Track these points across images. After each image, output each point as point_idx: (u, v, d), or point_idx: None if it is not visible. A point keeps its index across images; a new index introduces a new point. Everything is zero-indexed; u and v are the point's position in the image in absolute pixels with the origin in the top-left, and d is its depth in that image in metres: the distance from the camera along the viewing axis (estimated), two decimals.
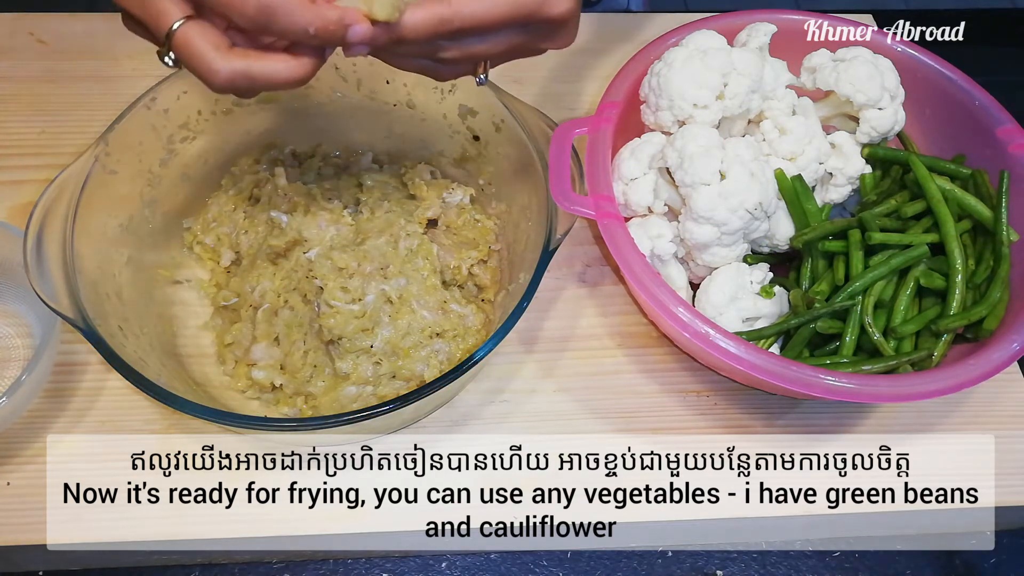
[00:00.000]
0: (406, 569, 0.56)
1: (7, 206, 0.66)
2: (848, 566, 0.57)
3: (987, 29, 1.31)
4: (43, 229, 0.51)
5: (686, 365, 0.61)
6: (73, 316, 0.49)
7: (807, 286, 0.59)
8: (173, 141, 0.60)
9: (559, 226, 0.53)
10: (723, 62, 0.59)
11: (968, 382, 0.52)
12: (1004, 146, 0.62)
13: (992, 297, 0.56)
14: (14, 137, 0.70)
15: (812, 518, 0.56)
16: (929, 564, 0.58)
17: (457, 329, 0.58)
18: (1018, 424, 0.60)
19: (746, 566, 0.57)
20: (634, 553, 0.57)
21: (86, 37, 0.76)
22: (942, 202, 0.58)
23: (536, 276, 0.51)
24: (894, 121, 0.62)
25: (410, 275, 0.58)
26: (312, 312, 0.57)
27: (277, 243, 0.59)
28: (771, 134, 0.61)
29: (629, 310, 0.64)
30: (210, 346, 0.60)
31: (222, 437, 0.56)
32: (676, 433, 0.58)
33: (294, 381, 0.56)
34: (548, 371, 0.60)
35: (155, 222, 0.60)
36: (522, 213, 0.60)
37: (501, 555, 0.57)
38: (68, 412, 0.57)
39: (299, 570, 0.55)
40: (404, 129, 0.66)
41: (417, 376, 0.56)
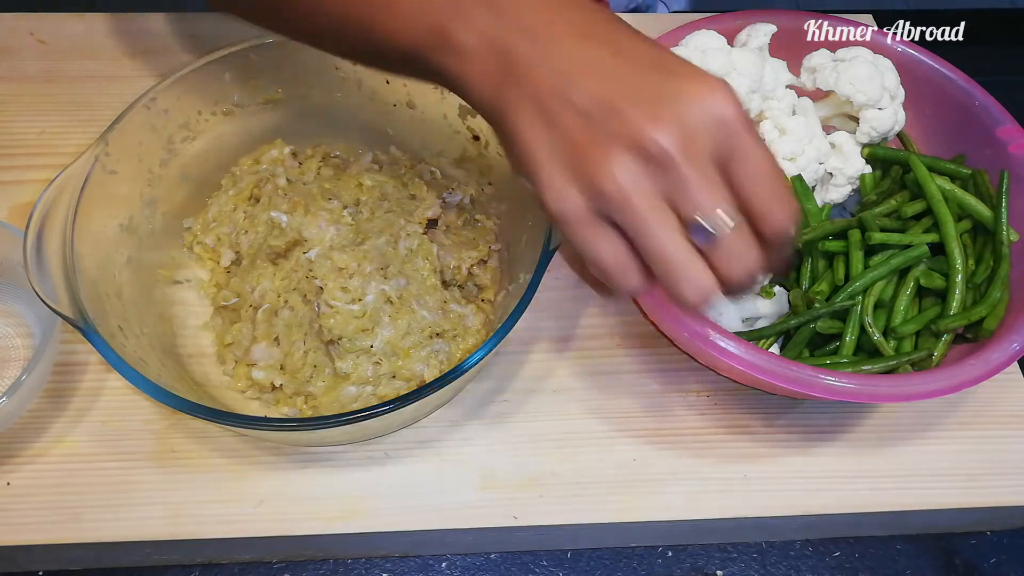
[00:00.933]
0: (406, 569, 0.56)
1: (7, 206, 0.66)
2: (848, 566, 0.57)
3: (987, 29, 1.31)
4: (43, 229, 0.51)
5: (686, 365, 0.61)
6: (73, 316, 0.49)
7: (807, 286, 0.59)
8: (173, 141, 0.60)
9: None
10: (723, 62, 0.59)
11: (968, 382, 0.52)
12: (1004, 146, 0.62)
13: (992, 297, 0.56)
14: (14, 137, 0.70)
15: (812, 518, 0.57)
16: (929, 564, 0.58)
17: (457, 329, 0.58)
18: (1018, 424, 0.60)
19: (746, 566, 0.57)
20: (634, 553, 0.57)
21: (86, 37, 0.76)
22: (942, 202, 0.58)
23: (536, 276, 0.51)
24: (894, 121, 0.62)
25: (410, 275, 0.58)
26: (312, 312, 0.57)
27: (277, 243, 0.59)
28: (771, 134, 0.61)
29: (629, 310, 0.64)
30: (210, 346, 0.60)
31: (222, 437, 0.56)
32: (676, 433, 0.58)
33: (294, 381, 0.56)
34: (548, 371, 0.60)
35: (155, 222, 0.60)
36: (522, 213, 0.60)
37: (501, 555, 0.57)
38: (68, 412, 0.57)
39: (299, 570, 0.55)
40: (404, 129, 0.66)
41: (417, 376, 0.56)
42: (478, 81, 0.41)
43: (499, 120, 0.41)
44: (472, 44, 0.41)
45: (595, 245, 0.40)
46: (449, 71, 0.42)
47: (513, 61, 0.40)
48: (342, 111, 0.65)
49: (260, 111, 0.64)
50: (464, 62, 0.41)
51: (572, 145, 0.39)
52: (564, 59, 0.39)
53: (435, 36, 0.41)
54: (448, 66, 0.42)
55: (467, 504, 0.55)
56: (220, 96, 0.62)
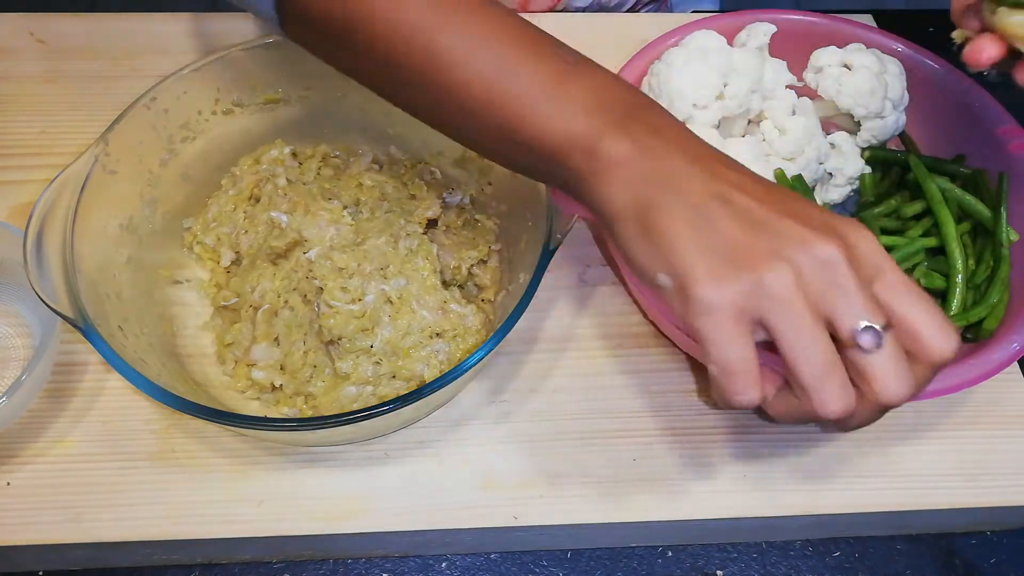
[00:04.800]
0: (406, 569, 0.56)
1: (7, 206, 0.66)
2: (848, 566, 0.57)
3: None
4: (43, 229, 0.51)
5: (686, 365, 0.61)
6: (73, 316, 0.49)
7: None
8: (173, 141, 0.60)
9: (559, 226, 0.53)
10: (723, 62, 0.59)
11: (968, 382, 0.52)
12: (1004, 146, 0.62)
13: (992, 297, 0.56)
14: (14, 137, 0.70)
15: (812, 518, 0.56)
16: (929, 564, 0.58)
17: (457, 329, 0.58)
18: (1018, 424, 0.60)
19: (746, 566, 0.57)
20: (634, 553, 0.57)
21: (86, 37, 0.76)
22: (942, 202, 0.58)
23: (536, 276, 0.51)
24: (895, 128, 0.62)
25: (410, 275, 0.58)
26: (312, 312, 0.57)
27: (277, 243, 0.59)
28: (771, 134, 0.61)
29: (629, 310, 0.64)
30: (210, 346, 0.60)
31: (222, 437, 0.56)
32: (676, 433, 0.58)
33: (294, 381, 0.56)
34: (548, 371, 0.60)
35: (155, 222, 0.60)
36: (522, 213, 0.60)
37: (501, 555, 0.57)
38: (68, 412, 0.57)
39: (299, 570, 0.55)
40: (404, 129, 0.66)
41: (417, 376, 0.56)
42: (621, 186, 0.42)
43: (643, 219, 0.41)
44: (623, 151, 0.42)
45: (732, 343, 0.39)
46: (590, 174, 0.43)
47: (667, 171, 0.41)
48: (342, 111, 0.65)
49: (260, 111, 0.64)
50: (611, 168, 0.42)
51: (735, 244, 0.39)
52: (720, 176, 0.41)
53: (584, 139, 0.42)
54: (590, 169, 0.42)
55: (467, 504, 0.55)
56: (220, 96, 0.62)
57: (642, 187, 0.41)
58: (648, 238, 0.41)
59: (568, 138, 0.43)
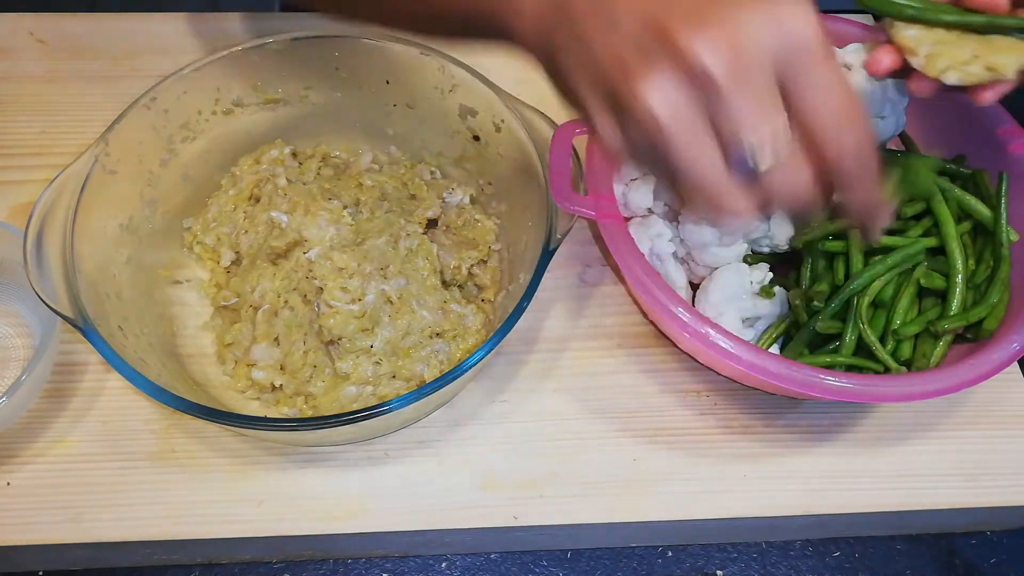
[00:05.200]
0: (406, 569, 0.56)
1: (7, 206, 0.66)
2: (848, 566, 0.57)
3: None
4: (43, 229, 0.51)
5: (686, 365, 0.61)
6: (73, 316, 0.49)
7: (807, 286, 0.59)
8: (173, 141, 0.60)
9: (559, 226, 0.53)
10: None
11: (968, 382, 0.52)
12: (1004, 146, 0.62)
13: (992, 297, 0.56)
14: (14, 137, 0.70)
15: (812, 518, 0.57)
16: (929, 564, 0.58)
17: (457, 329, 0.58)
18: (1018, 424, 0.60)
19: (746, 566, 0.57)
20: (634, 553, 0.57)
21: (86, 37, 0.76)
22: (942, 202, 0.58)
23: (536, 276, 0.51)
24: (895, 127, 0.62)
25: (410, 275, 0.58)
26: (312, 312, 0.57)
27: (277, 243, 0.59)
28: None
29: (629, 310, 0.64)
30: (210, 346, 0.60)
31: (222, 437, 0.56)
32: (676, 433, 0.58)
33: (294, 381, 0.56)
34: (548, 371, 0.60)
35: (155, 222, 0.60)
36: (522, 213, 0.60)
37: (501, 555, 0.57)
38: (68, 412, 0.57)
39: (299, 570, 0.55)
40: (404, 129, 0.66)
41: (417, 376, 0.56)
42: (532, 34, 0.42)
43: (552, 69, 0.41)
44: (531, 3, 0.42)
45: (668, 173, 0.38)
46: (508, 29, 0.43)
47: (563, 7, 0.40)
48: (342, 111, 0.65)
49: (260, 111, 0.64)
50: (524, 19, 0.42)
51: (612, 71, 0.37)
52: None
53: None
54: (508, 25, 0.43)
55: (467, 504, 0.55)
56: (220, 96, 0.62)
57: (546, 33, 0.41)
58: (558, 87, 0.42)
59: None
